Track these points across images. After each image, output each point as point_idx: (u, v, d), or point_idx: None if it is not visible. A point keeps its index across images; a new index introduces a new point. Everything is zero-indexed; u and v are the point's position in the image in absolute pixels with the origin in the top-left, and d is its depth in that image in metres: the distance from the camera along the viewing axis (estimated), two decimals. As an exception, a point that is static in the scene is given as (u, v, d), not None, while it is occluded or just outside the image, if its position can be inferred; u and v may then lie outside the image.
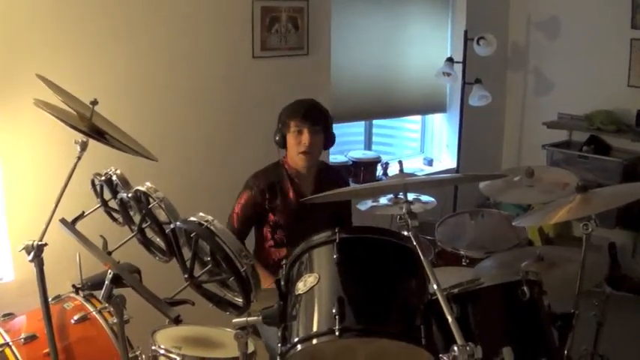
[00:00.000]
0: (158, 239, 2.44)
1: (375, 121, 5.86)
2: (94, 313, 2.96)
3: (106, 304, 2.85)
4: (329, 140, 3.49)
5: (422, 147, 6.36)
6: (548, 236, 5.73)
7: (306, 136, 3.33)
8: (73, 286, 3.12)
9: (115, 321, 2.80)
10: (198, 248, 2.12)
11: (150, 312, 2.26)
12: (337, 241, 2.16)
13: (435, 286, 1.92)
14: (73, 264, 3.04)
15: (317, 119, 3.37)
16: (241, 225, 3.44)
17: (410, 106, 5.87)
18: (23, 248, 2.61)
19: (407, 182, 2.33)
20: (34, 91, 2.75)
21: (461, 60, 5.62)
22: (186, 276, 2.15)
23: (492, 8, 6.19)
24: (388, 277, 2.16)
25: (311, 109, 3.38)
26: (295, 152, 3.38)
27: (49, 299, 2.80)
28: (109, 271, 2.24)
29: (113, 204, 2.64)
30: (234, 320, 2.23)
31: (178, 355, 2.62)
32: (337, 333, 1.96)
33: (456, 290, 2.35)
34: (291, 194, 3.43)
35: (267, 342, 3.12)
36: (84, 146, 2.77)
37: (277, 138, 3.44)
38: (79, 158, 2.77)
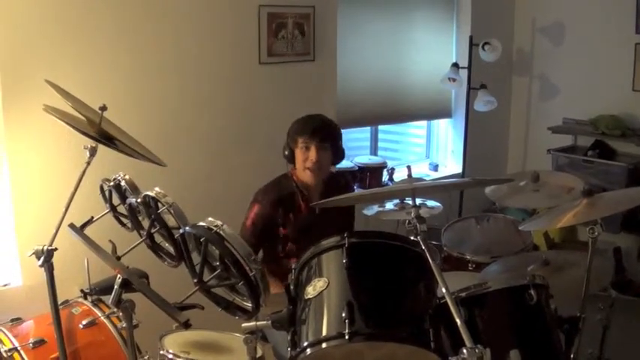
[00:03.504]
0: (167, 244, 2.45)
1: (380, 127, 5.87)
2: (102, 317, 2.96)
3: (114, 309, 2.87)
4: (338, 155, 3.47)
5: (427, 152, 6.36)
6: (553, 241, 5.73)
7: (313, 153, 3.31)
8: (82, 291, 3.13)
9: (123, 325, 2.82)
10: (208, 253, 2.13)
11: (158, 317, 2.27)
12: (346, 245, 2.18)
13: (444, 290, 1.93)
14: (80, 269, 3.05)
15: (325, 136, 3.34)
16: (253, 239, 3.36)
17: (415, 112, 5.87)
18: (33, 253, 2.61)
19: (416, 187, 2.34)
20: (43, 96, 2.78)
21: (466, 65, 5.63)
22: (195, 280, 2.16)
23: (497, 14, 6.21)
24: (397, 281, 2.18)
25: (319, 126, 3.35)
26: (303, 167, 3.37)
27: (57, 304, 2.81)
28: (118, 275, 2.24)
29: (122, 209, 2.65)
30: (243, 324, 2.25)
31: (186, 359, 2.64)
32: (347, 337, 1.98)
33: (463, 294, 2.36)
34: (302, 206, 3.41)
35: (275, 346, 3.13)
36: (93, 152, 2.77)
37: (286, 153, 3.41)
38: (88, 164, 2.77)
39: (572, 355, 2.53)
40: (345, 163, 5.18)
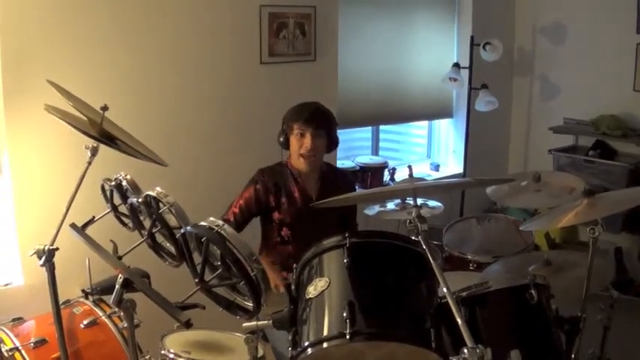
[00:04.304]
0: (168, 244, 2.45)
1: (381, 127, 5.86)
2: (103, 317, 2.97)
3: (116, 309, 2.87)
4: (332, 143, 3.47)
5: (428, 152, 6.36)
6: (554, 241, 5.73)
7: (308, 140, 3.32)
8: (83, 290, 3.14)
9: (124, 325, 2.82)
10: (209, 253, 2.13)
11: (159, 317, 2.27)
12: (347, 245, 2.18)
13: (445, 290, 1.93)
14: (82, 269, 3.05)
15: (320, 123, 3.35)
16: (241, 216, 3.40)
17: (417, 112, 5.88)
18: (34, 253, 2.62)
19: (417, 187, 2.34)
20: (44, 96, 2.78)
21: (467, 65, 5.63)
22: (196, 280, 2.16)
23: (498, 14, 6.21)
24: (398, 281, 2.18)
25: (314, 113, 3.36)
26: (297, 154, 3.38)
27: (59, 304, 2.81)
28: (120, 275, 2.24)
29: (123, 209, 2.65)
30: (244, 324, 2.25)
31: (187, 359, 2.64)
32: (348, 337, 1.98)
33: (464, 294, 2.35)
34: (296, 194, 3.42)
35: (274, 346, 3.13)
36: (94, 151, 2.78)
37: (281, 139, 3.43)
38: (90, 163, 2.78)
39: (573, 355, 2.53)
40: (346, 163, 5.21)
